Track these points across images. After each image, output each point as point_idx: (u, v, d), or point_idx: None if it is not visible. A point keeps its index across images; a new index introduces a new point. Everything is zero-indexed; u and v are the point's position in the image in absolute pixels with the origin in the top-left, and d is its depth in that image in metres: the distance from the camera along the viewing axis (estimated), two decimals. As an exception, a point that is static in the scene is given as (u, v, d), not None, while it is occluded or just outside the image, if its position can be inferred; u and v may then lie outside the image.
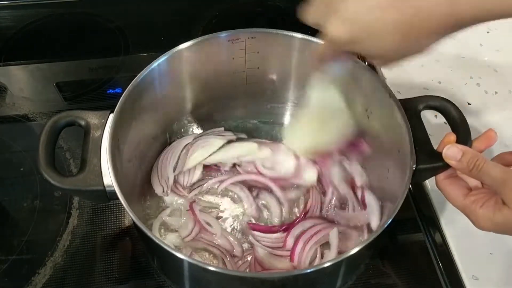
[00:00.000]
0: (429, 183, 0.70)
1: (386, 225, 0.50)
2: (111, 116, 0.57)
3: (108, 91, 0.84)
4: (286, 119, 0.78)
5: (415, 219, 0.69)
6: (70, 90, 0.85)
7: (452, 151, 0.52)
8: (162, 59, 0.63)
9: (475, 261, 0.63)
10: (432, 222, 0.68)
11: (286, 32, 0.66)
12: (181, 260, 0.49)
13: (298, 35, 0.66)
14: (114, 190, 0.52)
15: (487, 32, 0.91)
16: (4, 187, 0.72)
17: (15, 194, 0.71)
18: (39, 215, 0.68)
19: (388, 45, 0.44)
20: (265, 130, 0.78)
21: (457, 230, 0.66)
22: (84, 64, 0.90)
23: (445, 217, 0.68)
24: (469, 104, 0.80)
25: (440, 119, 0.71)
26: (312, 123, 0.64)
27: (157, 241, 0.48)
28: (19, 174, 0.73)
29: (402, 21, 0.42)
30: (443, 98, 0.60)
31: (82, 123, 0.57)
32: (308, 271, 0.49)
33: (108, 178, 0.53)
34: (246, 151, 0.71)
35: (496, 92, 0.82)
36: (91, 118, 0.57)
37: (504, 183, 0.47)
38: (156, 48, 0.92)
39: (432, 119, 0.76)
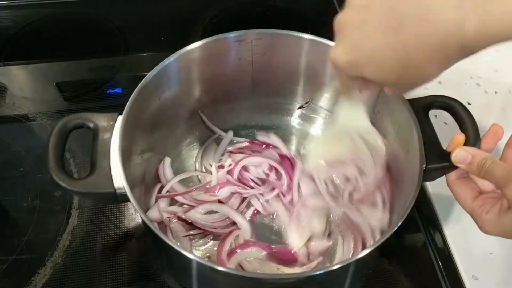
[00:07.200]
0: (429, 183, 0.70)
1: (398, 226, 0.50)
2: (120, 118, 0.57)
3: (108, 91, 0.84)
4: (294, 121, 0.78)
5: (415, 219, 0.69)
6: (70, 90, 0.85)
7: (461, 155, 0.52)
8: (171, 59, 0.63)
9: (475, 261, 0.63)
10: (432, 222, 0.68)
11: (294, 33, 0.66)
12: (198, 263, 0.49)
13: (307, 36, 0.65)
14: (125, 192, 0.52)
15: (487, 32, 0.91)
16: (4, 187, 0.72)
17: (15, 194, 0.71)
18: (39, 215, 0.68)
19: (388, 72, 0.43)
20: (274, 132, 0.77)
21: (457, 230, 0.66)
22: (84, 64, 0.90)
23: (445, 217, 0.68)
24: (469, 104, 0.80)
25: (440, 119, 0.71)
26: (335, 138, 0.64)
27: (171, 244, 0.48)
28: (19, 174, 0.73)
29: (400, 48, 0.41)
30: (450, 97, 0.60)
31: (91, 125, 0.57)
32: (318, 272, 0.49)
33: (118, 181, 0.53)
34: None
35: (496, 92, 0.82)
36: (100, 120, 0.57)
37: (507, 182, 0.47)
38: (156, 48, 0.94)
39: (432, 120, 0.75)
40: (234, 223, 0.66)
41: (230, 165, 0.71)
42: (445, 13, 0.39)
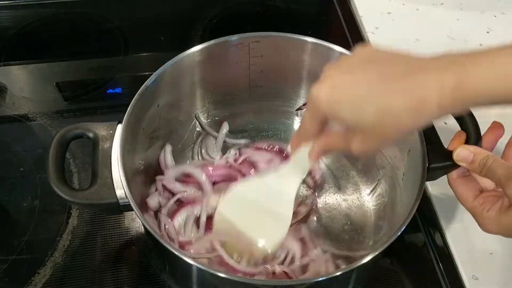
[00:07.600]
0: (429, 184, 0.70)
1: (404, 227, 0.51)
2: (119, 127, 0.57)
3: (108, 91, 0.84)
4: (294, 124, 0.78)
5: (415, 219, 0.69)
6: (70, 90, 0.85)
7: (463, 154, 0.52)
8: (168, 65, 0.63)
9: (475, 261, 0.63)
10: (432, 222, 0.68)
11: (294, 36, 0.66)
12: (199, 269, 0.49)
13: (307, 38, 0.65)
14: (128, 202, 0.52)
15: (487, 32, 0.91)
16: (4, 187, 0.72)
17: (15, 194, 0.71)
18: (39, 215, 0.68)
19: (365, 115, 0.42)
20: (272, 134, 0.78)
21: (457, 230, 0.66)
22: (84, 64, 0.90)
23: (445, 217, 0.68)
24: (469, 104, 0.80)
25: (440, 119, 0.71)
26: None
27: (175, 252, 0.49)
28: (19, 174, 0.73)
29: (385, 96, 0.41)
30: None
31: (90, 135, 0.57)
32: (321, 279, 0.49)
33: (121, 190, 0.52)
34: None
35: (496, 92, 0.82)
36: (99, 129, 0.57)
37: (508, 181, 0.47)
38: (156, 48, 0.94)
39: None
40: None
41: (236, 153, 0.71)
42: (433, 71, 0.40)
